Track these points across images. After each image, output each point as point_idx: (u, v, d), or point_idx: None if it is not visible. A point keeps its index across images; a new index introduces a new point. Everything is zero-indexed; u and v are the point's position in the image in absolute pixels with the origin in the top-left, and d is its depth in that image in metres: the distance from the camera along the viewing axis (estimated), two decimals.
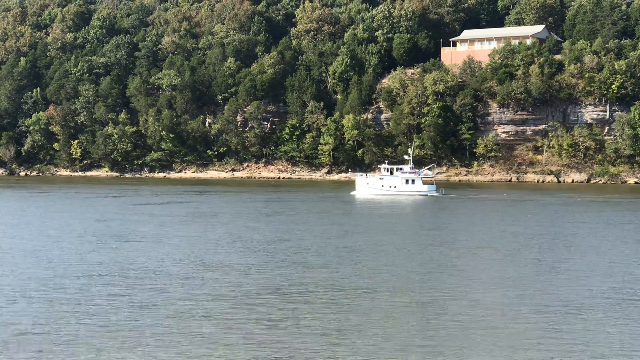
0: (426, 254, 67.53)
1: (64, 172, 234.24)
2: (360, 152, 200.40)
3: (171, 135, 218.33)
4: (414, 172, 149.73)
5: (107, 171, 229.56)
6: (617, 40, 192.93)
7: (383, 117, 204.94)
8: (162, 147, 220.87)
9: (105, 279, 55.14)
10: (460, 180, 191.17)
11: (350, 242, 75.20)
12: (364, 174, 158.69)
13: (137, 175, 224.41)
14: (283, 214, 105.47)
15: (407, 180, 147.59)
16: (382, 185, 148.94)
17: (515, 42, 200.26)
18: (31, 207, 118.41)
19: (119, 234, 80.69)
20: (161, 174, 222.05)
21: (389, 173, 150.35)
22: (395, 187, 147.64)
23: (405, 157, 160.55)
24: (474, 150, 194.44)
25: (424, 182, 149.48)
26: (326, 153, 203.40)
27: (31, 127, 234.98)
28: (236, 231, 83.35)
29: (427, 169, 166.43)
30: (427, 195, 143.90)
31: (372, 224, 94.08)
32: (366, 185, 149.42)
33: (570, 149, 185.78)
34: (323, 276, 56.04)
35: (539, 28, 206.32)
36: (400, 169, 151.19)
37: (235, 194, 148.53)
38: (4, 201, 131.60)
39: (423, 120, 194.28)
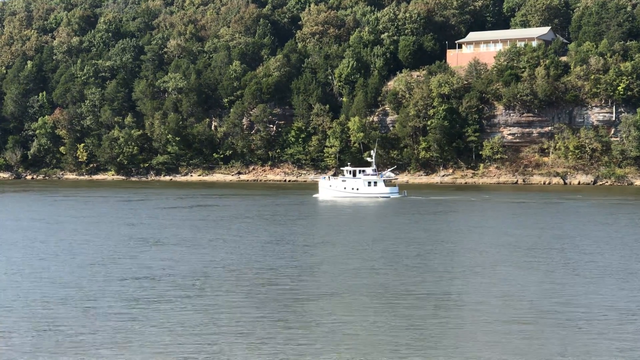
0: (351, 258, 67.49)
1: (70, 176, 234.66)
2: (366, 154, 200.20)
3: (177, 139, 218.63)
4: (376, 175, 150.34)
5: (113, 174, 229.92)
6: (622, 42, 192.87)
7: (389, 119, 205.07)
8: (168, 150, 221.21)
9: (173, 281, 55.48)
10: (466, 183, 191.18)
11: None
12: (327, 177, 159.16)
13: (144, 179, 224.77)
14: (222, 220, 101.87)
15: (369, 183, 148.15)
16: (345, 188, 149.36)
17: (520, 44, 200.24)
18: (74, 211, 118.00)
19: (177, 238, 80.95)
20: (167, 177, 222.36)
21: (351, 175, 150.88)
22: (357, 189, 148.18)
23: (368, 159, 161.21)
24: (480, 153, 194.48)
25: (387, 185, 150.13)
26: (332, 156, 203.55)
27: (37, 131, 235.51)
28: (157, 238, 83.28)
29: (390, 171, 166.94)
30: (389, 197, 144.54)
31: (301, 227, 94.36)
32: (329, 187, 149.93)
33: (577, 151, 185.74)
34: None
35: (545, 30, 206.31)
36: (363, 171, 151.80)
37: (192, 198, 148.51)
38: (40, 205, 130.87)
39: (429, 123, 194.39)
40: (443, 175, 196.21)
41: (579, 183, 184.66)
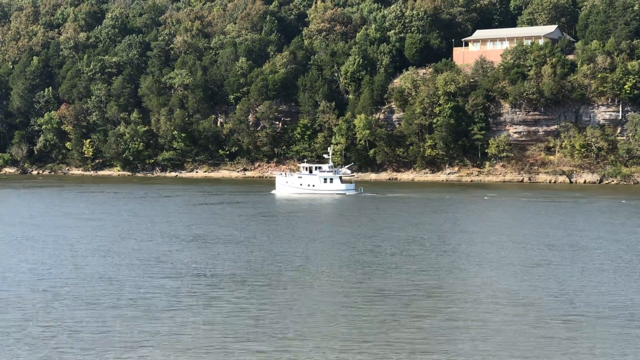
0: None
1: (76, 171, 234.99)
2: (372, 152, 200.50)
3: (183, 135, 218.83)
4: (332, 171, 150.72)
5: (118, 170, 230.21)
6: (629, 41, 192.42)
7: (395, 117, 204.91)
8: (174, 146, 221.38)
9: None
10: (472, 181, 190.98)
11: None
12: (284, 173, 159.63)
13: (149, 175, 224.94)
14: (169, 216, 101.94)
15: (325, 179, 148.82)
16: (301, 184, 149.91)
17: (527, 42, 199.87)
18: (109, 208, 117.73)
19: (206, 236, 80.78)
20: (173, 174, 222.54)
21: (308, 172, 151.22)
22: (313, 185, 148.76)
23: (325, 156, 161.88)
24: (486, 151, 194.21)
25: (343, 181, 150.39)
26: (338, 153, 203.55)
27: (43, 126, 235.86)
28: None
29: (347, 168, 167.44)
30: (345, 194, 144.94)
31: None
32: (285, 184, 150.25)
33: (583, 150, 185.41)
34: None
35: (552, 28, 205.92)
36: (319, 167, 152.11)
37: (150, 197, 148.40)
38: (70, 201, 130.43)
39: (435, 121, 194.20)
40: (449, 173, 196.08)
41: (584, 182, 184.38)
